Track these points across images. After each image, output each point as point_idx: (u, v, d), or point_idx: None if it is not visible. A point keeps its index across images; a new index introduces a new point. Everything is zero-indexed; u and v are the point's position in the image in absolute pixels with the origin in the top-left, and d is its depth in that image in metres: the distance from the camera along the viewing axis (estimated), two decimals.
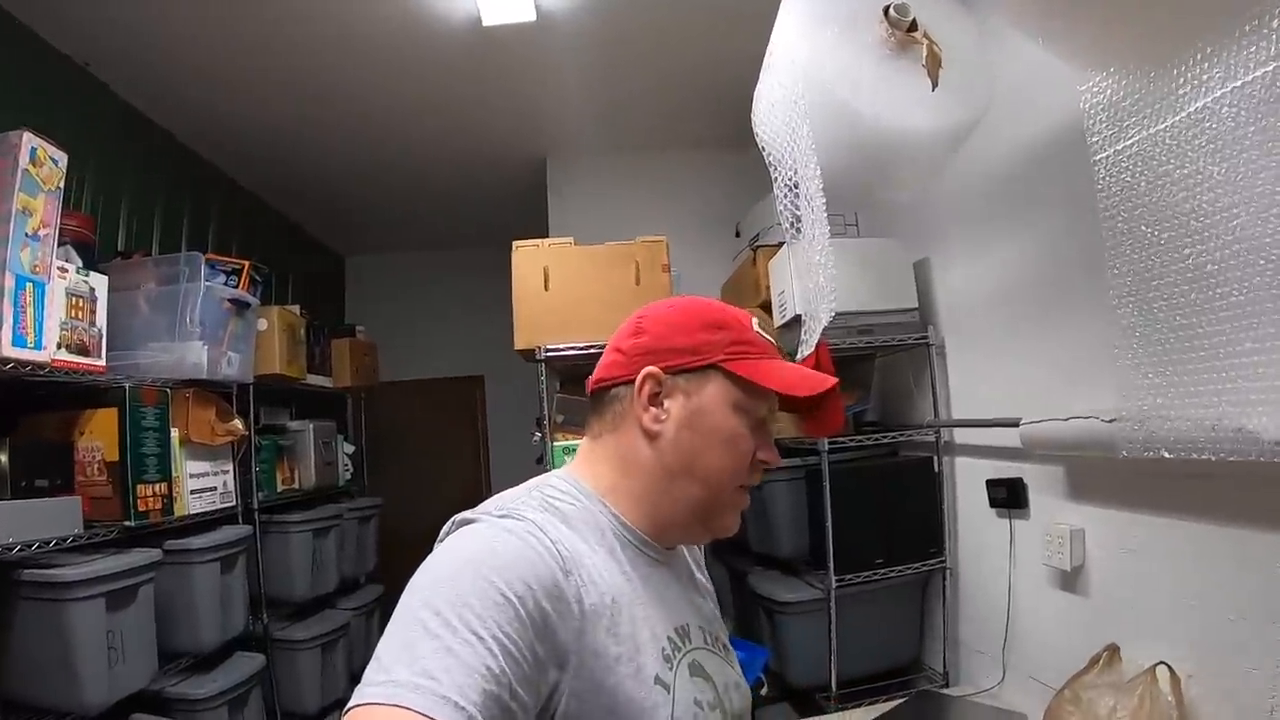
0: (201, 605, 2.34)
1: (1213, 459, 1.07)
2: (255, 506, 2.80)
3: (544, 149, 3.59)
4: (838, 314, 1.65)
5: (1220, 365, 1.01)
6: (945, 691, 2.08)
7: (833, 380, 0.84)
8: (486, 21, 2.35)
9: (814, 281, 1.45)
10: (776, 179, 1.47)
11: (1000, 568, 1.92)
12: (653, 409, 0.83)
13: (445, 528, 0.74)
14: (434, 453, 4.87)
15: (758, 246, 2.60)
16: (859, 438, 2.26)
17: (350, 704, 0.54)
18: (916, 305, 2.19)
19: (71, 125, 2.39)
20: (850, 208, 2.03)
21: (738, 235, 3.03)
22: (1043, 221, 1.75)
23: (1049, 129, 1.66)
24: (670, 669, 0.76)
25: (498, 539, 0.69)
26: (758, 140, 1.52)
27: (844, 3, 1.33)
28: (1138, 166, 1.02)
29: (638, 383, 0.82)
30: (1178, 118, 0.91)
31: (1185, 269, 1.00)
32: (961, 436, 2.16)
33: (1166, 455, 1.13)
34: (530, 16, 2.34)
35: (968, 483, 2.10)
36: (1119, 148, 1.02)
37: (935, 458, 2.18)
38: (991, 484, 1.92)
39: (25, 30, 2.29)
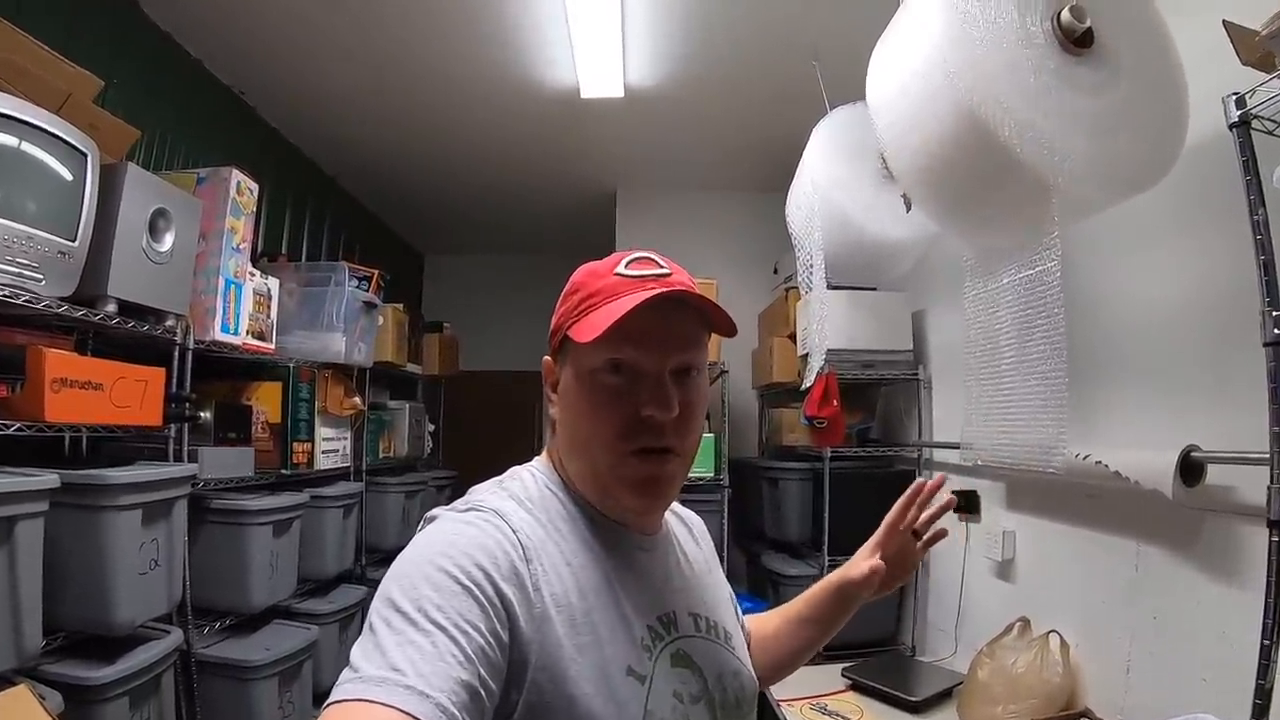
0: (328, 542, 2.93)
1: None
2: (364, 468, 3.42)
3: (615, 183, 4.17)
4: (846, 350, 2.23)
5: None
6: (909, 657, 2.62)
7: (639, 299, 0.74)
8: (584, 95, 2.94)
9: (816, 333, 2.00)
10: (799, 256, 2.03)
11: (957, 561, 2.44)
12: (553, 396, 0.84)
13: (420, 525, 0.74)
14: (499, 435, 5.47)
15: (790, 288, 3.15)
16: (858, 450, 2.81)
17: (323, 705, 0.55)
18: (911, 347, 2.72)
19: (224, 143, 2.94)
20: (851, 284, 2.57)
21: (776, 272, 3.56)
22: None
23: None
24: (649, 659, 0.74)
25: (455, 530, 0.70)
26: (788, 225, 2.08)
27: (854, 139, 1.88)
28: (978, 305, 1.62)
29: (543, 377, 0.86)
30: (995, 284, 1.51)
31: (995, 365, 1.62)
32: (939, 455, 2.68)
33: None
34: (620, 93, 2.92)
35: (940, 492, 2.62)
36: (974, 292, 1.60)
37: (917, 471, 2.72)
38: (955, 493, 2.44)
39: (193, 61, 2.78)
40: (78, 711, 1.55)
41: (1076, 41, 1.23)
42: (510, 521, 0.72)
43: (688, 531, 0.99)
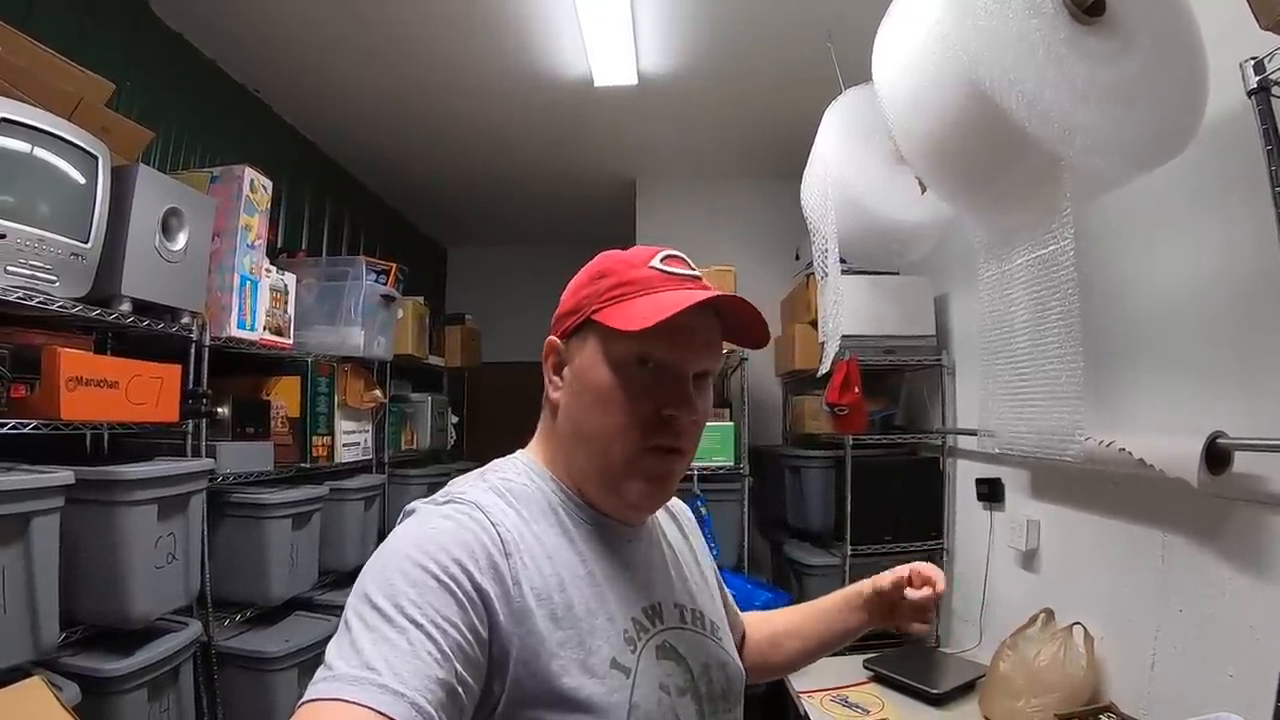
0: (348, 534, 2.95)
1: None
2: (386, 460, 3.45)
3: (633, 172, 4.13)
4: (868, 335, 2.20)
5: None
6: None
7: (694, 297, 0.74)
8: (597, 83, 2.91)
9: (831, 318, 1.96)
10: (815, 241, 1.98)
11: (982, 550, 2.39)
12: (555, 379, 0.82)
13: (399, 518, 0.74)
14: (520, 426, 5.47)
15: (810, 273, 3.09)
16: (880, 438, 2.76)
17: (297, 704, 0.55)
18: (934, 333, 2.66)
19: (240, 141, 2.95)
20: (869, 268, 2.51)
21: (797, 258, 3.50)
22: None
23: None
24: (633, 652, 0.73)
25: (433, 524, 0.69)
26: (804, 210, 2.03)
27: (866, 121, 1.83)
28: (993, 287, 1.58)
29: (543, 355, 0.83)
30: (1008, 265, 1.46)
31: (1011, 350, 1.58)
32: (963, 442, 2.62)
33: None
34: (633, 81, 2.89)
35: (964, 480, 2.57)
36: (988, 274, 1.55)
37: (941, 458, 2.66)
38: (979, 481, 2.39)
39: (207, 61, 2.80)
40: (96, 702, 1.58)
41: (1087, 10, 1.17)
42: (489, 514, 0.71)
43: (674, 522, 0.98)
